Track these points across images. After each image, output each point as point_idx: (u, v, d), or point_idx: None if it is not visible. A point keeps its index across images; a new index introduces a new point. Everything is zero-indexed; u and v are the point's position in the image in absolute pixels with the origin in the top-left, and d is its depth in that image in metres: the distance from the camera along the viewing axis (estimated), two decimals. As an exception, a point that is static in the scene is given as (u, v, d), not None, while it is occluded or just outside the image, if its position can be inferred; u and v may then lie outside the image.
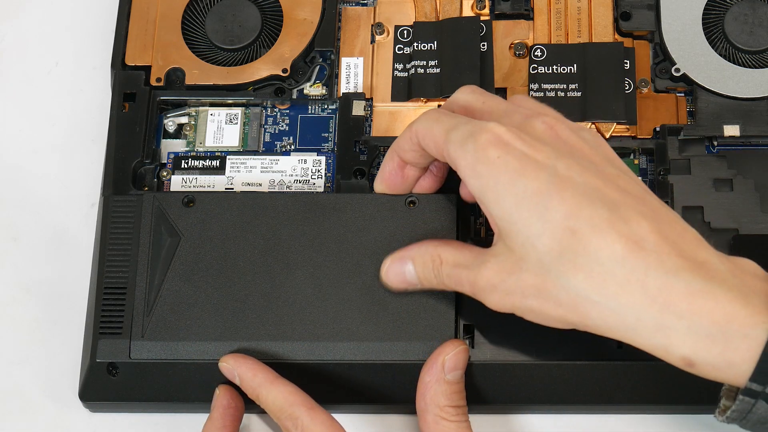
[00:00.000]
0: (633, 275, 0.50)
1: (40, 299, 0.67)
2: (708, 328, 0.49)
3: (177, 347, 0.61)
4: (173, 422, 0.63)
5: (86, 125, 0.71)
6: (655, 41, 0.69)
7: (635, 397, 0.61)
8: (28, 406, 0.65)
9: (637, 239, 0.51)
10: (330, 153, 0.67)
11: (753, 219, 0.64)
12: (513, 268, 0.53)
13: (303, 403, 0.59)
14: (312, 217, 0.63)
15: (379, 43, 0.70)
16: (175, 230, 0.63)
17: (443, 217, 0.62)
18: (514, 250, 0.53)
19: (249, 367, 0.60)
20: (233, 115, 0.69)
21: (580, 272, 0.51)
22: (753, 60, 0.68)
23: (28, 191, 0.70)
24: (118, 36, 0.70)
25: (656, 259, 0.50)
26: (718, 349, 0.49)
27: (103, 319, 0.62)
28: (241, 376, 0.60)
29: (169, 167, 0.67)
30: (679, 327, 0.50)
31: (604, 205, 0.51)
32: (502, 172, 0.53)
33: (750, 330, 0.49)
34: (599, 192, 0.52)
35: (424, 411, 0.59)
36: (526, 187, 0.52)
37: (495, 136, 0.54)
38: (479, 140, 0.54)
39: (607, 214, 0.51)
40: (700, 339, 0.50)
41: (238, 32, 0.70)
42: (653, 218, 0.52)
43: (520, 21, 0.70)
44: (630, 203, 0.52)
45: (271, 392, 0.59)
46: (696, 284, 0.50)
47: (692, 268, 0.50)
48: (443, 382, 0.59)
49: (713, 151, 0.66)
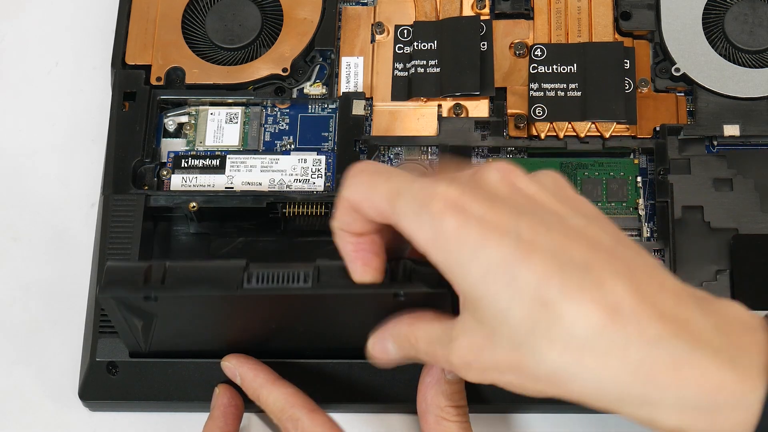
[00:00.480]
0: (612, 348, 0.46)
1: (40, 299, 0.67)
2: (696, 400, 0.46)
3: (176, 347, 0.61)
4: (173, 421, 0.63)
5: (86, 125, 0.71)
6: (655, 41, 0.69)
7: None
8: (28, 406, 0.65)
9: (614, 306, 0.46)
10: (330, 152, 0.67)
11: (753, 219, 0.64)
12: (485, 344, 0.49)
13: (303, 404, 0.59)
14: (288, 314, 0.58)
15: (379, 42, 0.70)
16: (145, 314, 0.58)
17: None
18: (483, 324, 0.49)
19: (250, 368, 0.60)
20: (233, 115, 0.69)
21: (556, 346, 0.47)
22: (753, 60, 0.68)
23: (28, 191, 0.70)
24: (118, 35, 0.70)
25: (635, 327, 0.46)
26: (708, 421, 0.46)
27: (103, 318, 0.62)
28: (243, 376, 0.60)
29: (169, 166, 0.67)
30: (665, 400, 0.46)
31: (574, 269, 0.47)
32: (463, 245, 0.48)
33: (741, 398, 0.46)
34: (568, 253, 0.48)
35: (425, 412, 0.58)
36: (490, 258, 0.47)
37: (449, 202, 0.48)
38: (433, 210, 0.48)
39: (579, 280, 0.47)
40: (688, 411, 0.46)
41: (239, 31, 0.70)
42: (628, 275, 0.48)
43: (520, 20, 0.70)
44: (602, 261, 0.48)
45: (272, 393, 0.59)
46: (679, 353, 0.46)
47: (675, 334, 0.46)
48: (443, 382, 0.58)
49: (713, 151, 0.66)
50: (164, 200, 0.65)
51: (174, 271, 0.55)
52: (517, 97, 0.68)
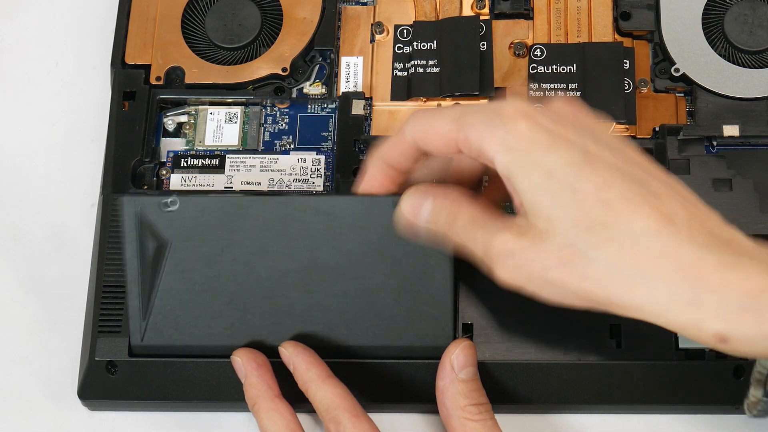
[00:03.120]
0: (666, 249, 0.49)
1: (40, 299, 0.67)
2: (740, 301, 0.48)
3: (176, 346, 0.61)
4: (172, 420, 0.63)
5: (86, 125, 0.71)
6: (654, 41, 0.69)
7: (635, 397, 0.61)
8: (27, 405, 0.65)
9: (670, 214, 0.50)
10: (329, 152, 0.67)
11: (752, 219, 0.64)
12: (535, 239, 0.51)
13: (349, 408, 0.58)
14: (308, 218, 0.61)
15: (378, 42, 0.70)
16: (160, 235, 0.61)
17: None
18: (538, 225, 0.51)
19: (305, 359, 0.60)
20: (233, 114, 0.69)
21: (612, 245, 0.50)
22: (753, 60, 0.68)
23: (28, 191, 0.70)
24: (118, 35, 0.70)
25: (688, 234, 0.49)
26: (752, 321, 0.48)
27: (102, 318, 0.62)
28: (296, 366, 0.60)
29: (169, 166, 0.68)
30: (712, 301, 0.49)
31: (635, 180, 0.51)
32: (533, 145, 0.51)
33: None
34: (629, 169, 0.51)
35: (448, 417, 0.58)
36: (558, 159, 0.51)
37: (522, 110, 0.52)
38: (506, 113, 0.52)
39: (639, 188, 0.50)
40: (733, 312, 0.48)
41: (238, 31, 0.70)
42: (681, 198, 0.51)
43: (519, 20, 0.70)
44: (658, 182, 0.51)
45: (320, 390, 0.59)
46: (726, 258, 0.49)
47: (721, 245, 0.49)
48: (457, 382, 0.58)
49: (712, 151, 0.66)
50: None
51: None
52: (517, 97, 0.68)
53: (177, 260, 0.61)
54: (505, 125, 0.52)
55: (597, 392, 0.61)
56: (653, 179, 0.51)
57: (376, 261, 0.60)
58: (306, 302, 0.61)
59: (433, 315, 0.60)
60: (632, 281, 0.50)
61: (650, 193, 0.50)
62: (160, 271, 0.61)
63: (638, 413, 0.62)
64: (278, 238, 0.60)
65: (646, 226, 0.49)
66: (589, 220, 0.50)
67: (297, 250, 0.60)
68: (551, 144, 0.51)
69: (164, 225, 0.60)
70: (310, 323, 0.61)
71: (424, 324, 0.60)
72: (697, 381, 0.61)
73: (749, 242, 0.50)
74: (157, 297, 0.61)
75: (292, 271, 0.61)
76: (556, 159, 0.51)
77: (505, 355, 0.61)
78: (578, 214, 0.50)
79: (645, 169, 0.52)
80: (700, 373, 0.61)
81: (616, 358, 0.61)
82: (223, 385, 0.62)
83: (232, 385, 0.61)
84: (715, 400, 0.61)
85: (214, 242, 0.60)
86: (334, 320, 0.61)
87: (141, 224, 0.60)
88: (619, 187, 0.50)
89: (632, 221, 0.49)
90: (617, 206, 0.50)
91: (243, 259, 0.61)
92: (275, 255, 0.60)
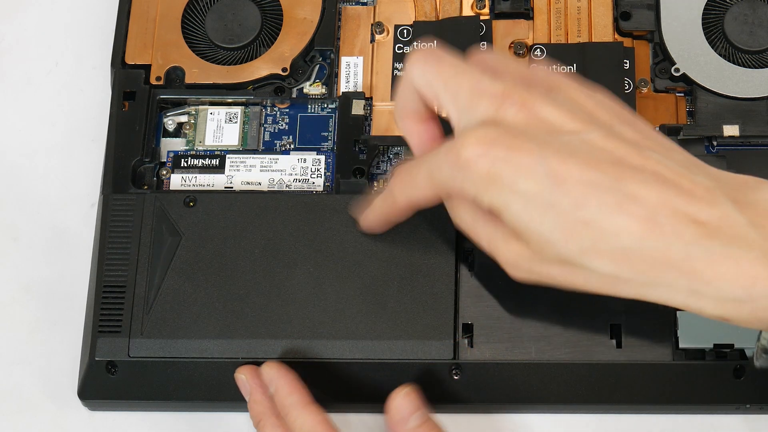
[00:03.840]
0: (656, 252, 0.50)
1: (40, 299, 0.67)
2: (734, 293, 0.49)
3: (176, 345, 0.61)
4: (172, 421, 0.63)
5: (86, 125, 0.71)
6: (654, 41, 0.69)
7: (635, 397, 0.61)
8: (27, 405, 0.65)
9: (650, 217, 0.50)
10: (329, 152, 0.67)
11: (752, 219, 0.64)
12: (535, 253, 0.53)
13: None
14: (312, 217, 0.63)
15: (378, 42, 0.70)
16: (176, 230, 0.63)
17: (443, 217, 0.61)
18: (533, 245, 0.53)
19: (288, 383, 0.60)
20: (233, 114, 0.69)
21: (605, 257, 0.51)
22: (753, 60, 0.68)
23: (28, 191, 0.70)
24: (118, 35, 0.70)
25: (673, 232, 0.50)
26: (748, 311, 0.50)
27: (102, 318, 0.62)
28: (278, 389, 0.60)
29: (169, 166, 0.68)
30: (709, 292, 0.50)
31: (607, 188, 0.51)
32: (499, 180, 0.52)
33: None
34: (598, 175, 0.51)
35: None
36: (527, 185, 0.52)
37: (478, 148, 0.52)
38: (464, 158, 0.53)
39: (614, 197, 0.51)
40: (729, 302, 0.50)
41: (238, 31, 0.70)
42: (657, 182, 0.51)
43: (519, 20, 0.70)
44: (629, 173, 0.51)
45: (301, 416, 0.59)
46: (715, 250, 0.50)
47: (709, 235, 0.50)
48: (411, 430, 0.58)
49: (713, 151, 0.66)
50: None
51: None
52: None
53: (185, 259, 0.61)
54: (469, 172, 0.52)
55: (597, 392, 0.61)
56: (626, 175, 0.51)
57: (379, 260, 0.61)
58: (308, 300, 0.61)
59: (433, 314, 0.61)
60: (632, 282, 0.51)
61: (627, 198, 0.51)
62: (167, 268, 0.62)
63: (638, 413, 0.62)
64: (289, 233, 0.62)
65: (631, 236, 0.50)
66: (578, 240, 0.51)
67: (305, 248, 0.62)
68: (516, 174, 0.52)
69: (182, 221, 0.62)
70: (311, 323, 0.61)
71: (423, 323, 0.61)
72: (697, 381, 0.61)
73: (738, 215, 0.50)
74: (160, 294, 0.61)
75: (297, 270, 0.62)
76: (525, 185, 0.52)
77: (505, 355, 0.61)
78: (565, 235, 0.51)
79: (614, 161, 0.52)
80: (700, 373, 0.61)
81: (616, 358, 0.61)
82: (223, 385, 0.62)
83: (232, 385, 0.61)
84: (715, 400, 0.61)
85: (224, 241, 0.62)
86: (335, 320, 0.61)
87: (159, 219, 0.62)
88: (594, 203, 0.51)
89: (617, 233, 0.51)
90: (597, 224, 0.51)
91: (250, 258, 0.62)
92: (283, 252, 0.62)
